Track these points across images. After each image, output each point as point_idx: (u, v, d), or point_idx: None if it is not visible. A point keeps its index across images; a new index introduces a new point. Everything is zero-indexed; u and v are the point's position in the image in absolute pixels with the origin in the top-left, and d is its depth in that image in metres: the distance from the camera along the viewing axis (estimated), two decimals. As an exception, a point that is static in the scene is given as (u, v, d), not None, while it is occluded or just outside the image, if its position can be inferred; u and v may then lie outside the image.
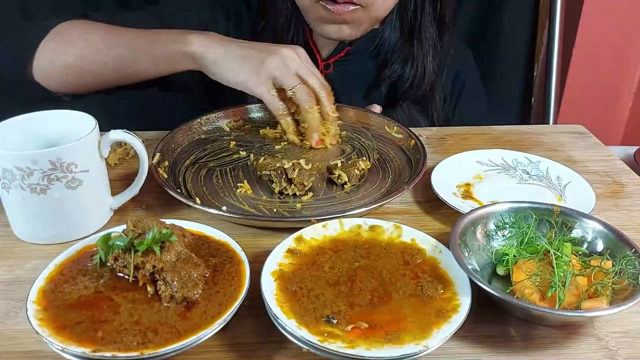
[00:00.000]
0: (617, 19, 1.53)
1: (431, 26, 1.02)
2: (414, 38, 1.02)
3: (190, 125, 0.92)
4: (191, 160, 0.86)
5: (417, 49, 1.02)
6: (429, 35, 1.02)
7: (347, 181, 0.80)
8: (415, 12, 1.01)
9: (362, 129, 0.97)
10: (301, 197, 0.78)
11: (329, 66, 1.06)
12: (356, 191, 0.80)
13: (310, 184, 0.79)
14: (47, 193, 0.65)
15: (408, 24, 1.02)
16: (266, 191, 0.79)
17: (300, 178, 0.77)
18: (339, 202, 0.77)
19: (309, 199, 0.78)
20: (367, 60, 1.06)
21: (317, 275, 0.59)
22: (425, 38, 1.02)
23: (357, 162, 0.81)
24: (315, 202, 0.77)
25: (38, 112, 0.72)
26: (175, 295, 0.55)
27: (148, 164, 0.73)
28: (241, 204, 0.76)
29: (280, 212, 0.75)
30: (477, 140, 0.97)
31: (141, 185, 0.74)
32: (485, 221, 0.66)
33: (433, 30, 1.02)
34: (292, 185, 0.77)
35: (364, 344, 0.51)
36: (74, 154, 0.65)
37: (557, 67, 1.44)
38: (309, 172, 0.78)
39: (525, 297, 0.57)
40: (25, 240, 0.69)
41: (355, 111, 0.99)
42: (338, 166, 0.81)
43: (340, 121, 0.94)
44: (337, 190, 0.80)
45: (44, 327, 0.51)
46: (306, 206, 0.76)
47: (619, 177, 0.86)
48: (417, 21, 1.01)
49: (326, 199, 0.78)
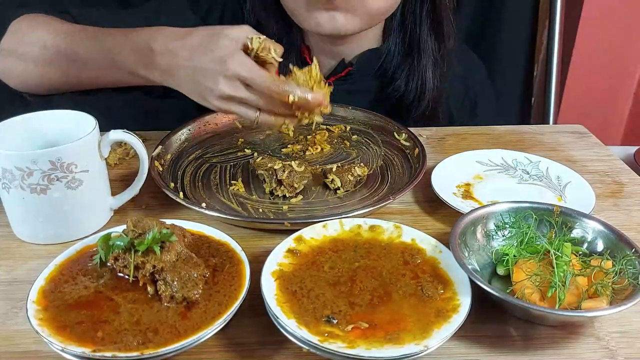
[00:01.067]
0: (617, 19, 1.53)
1: (429, 38, 0.99)
2: (413, 51, 1.00)
3: (204, 121, 0.93)
4: (196, 154, 0.87)
5: (417, 62, 1.00)
6: (427, 47, 0.99)
7: (340, 186, 0.79)
8: (414, 24, 0.99)
9: (374, 134, 0.96)
10: (290, 199, 0.78)
11: (330, 85, 1.04)
12: (350, 197, 0.79)
13: (302, 187, 0.78)
14: (47, 193, 0.65)
15: (408, 36, 1.00)
16: (259, 191, 0.79)
17: (290, 180, 0.77)
18: (330, 207, 0.77)
19: (298, 202, 0.77)
20: (369, 79, 1.04)
21: (317, 275, 0.59)
22: (424, 50, 0.99)
23: (353, 167, 0.80)
24: (304, 205, 0.77)
25: (38, 112, 0.72)
26: (176, 295, 0.55)
27: (148, 164, 0.73)
28: (230, 201, 0.76)
29: (265, 212, 0.75)
30: (477, 140, 0.97)
31: (141, 185, 0.74)
32: (485, 221, 0.66)
33: (431, 42, 0.99)
34: (281, 187, 0.77)
35: (364, 344, 0.51)
36: (74, 154, 0.65)
37: (557, 67, 1.44)
38: (300, 174, 0.78)
39: (525, 297, 0.57)
40: (25, 240, 0.69)
41: (368, 115, 0.98)
42: (332, 170, 0.80)
43: None
44: (329, 195, 0.80)
45: (44, 327, 0.51)
46: (293, 208, 0.76)
47: (619, 177, 0.86)
48: (417, 34, 0.99)
49: (317, 202, 0.78)
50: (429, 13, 0.98)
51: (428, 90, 1.01)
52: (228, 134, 0.94)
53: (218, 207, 0.74)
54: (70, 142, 0.65)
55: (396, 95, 1.02)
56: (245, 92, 0.73)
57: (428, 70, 1.00)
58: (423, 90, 1.01)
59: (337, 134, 0.96)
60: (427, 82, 1.00)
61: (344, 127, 0.98)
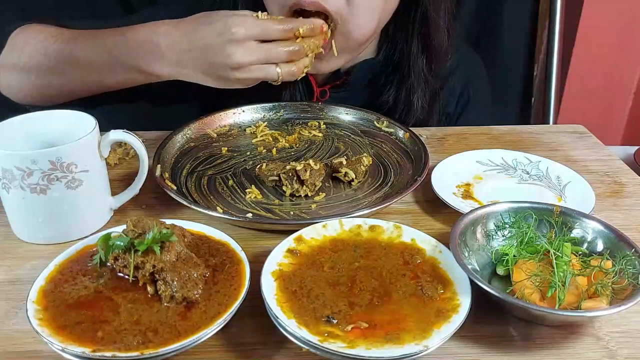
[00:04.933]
0: (617, 19, 1.53)
1: (418, 57, 0.97)
2: (403, 68, 0.98)
3: (177, 135, 0.89)
4: (187, 169, 0.84)
5: (406, 80, 0.98)
6: (417, 66, 0.97)
7: (355, 178, 0.81)
8: (405, 40, 0.97)
9: (351, 126, 0.97)
10: (313, 198, 0.78)
11: (325, 93, 1.02)
12: (362, 187, 0.81)
13: (320, 184, 0.79)
14: (47, 193, 0.65)
15: (398, 51, 0.98)
16: (275, 194, 0.79)
17: (312, 179, 0.77)
18: (348, 200, 0.78)
19: (321, 199, 0.78)
20: (362, 88, 1.03)
21: (317, 275, 0.59)
22: (413, 68, 0.97)
23: (361, 158, 0.82)
24: (327, 201, 0.78)
25: (38, 112, 0.72)
26: (175, 295, 0.55)
27: (148, 163, 0.73)
28: (254, 209, 0.75)
29: (297, 214, 0.75)
30: (477, 140, 0.97)
31: (141, 185, 0.74)
32: (485, 221, 0.66)
33: (421, 61, 0.97)
34: (304, 187, 0.77)
35: (364, 344, 0.51)
36: (74, 154, 0.65)
37: (557, 67, 1.44)
38: (318, 172, 0.78)
39: (525, 297, 0.57)
40: (25, 240, 0.69)
41: (342, 109, 0.99)
42: (344, 164, 0.81)
43: None
44: (344, 189, 0.81)
45: (44, 327, 0.51)
46: (321, 206, 0.76)
47: (619, 177, 0.86)
48: (405, 50, 0.97)
49: (336, 197, 0.79)
50: (418, 30, 0.96)
51: (415, 110, 0.99)
52: (207, 145, 0.91)
53: (258, 217, 0.73)
54: (70, 142, 0.65)
55: (384, 108, 1.01)
56: (260, 50, 0.73)
57: (418, 91, 0.98)
58: (409, 109, 0.99)
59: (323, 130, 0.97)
60: (415, 102, 0.98)
61: (318, 122, 0.98)
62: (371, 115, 0.97)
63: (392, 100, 1.00)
